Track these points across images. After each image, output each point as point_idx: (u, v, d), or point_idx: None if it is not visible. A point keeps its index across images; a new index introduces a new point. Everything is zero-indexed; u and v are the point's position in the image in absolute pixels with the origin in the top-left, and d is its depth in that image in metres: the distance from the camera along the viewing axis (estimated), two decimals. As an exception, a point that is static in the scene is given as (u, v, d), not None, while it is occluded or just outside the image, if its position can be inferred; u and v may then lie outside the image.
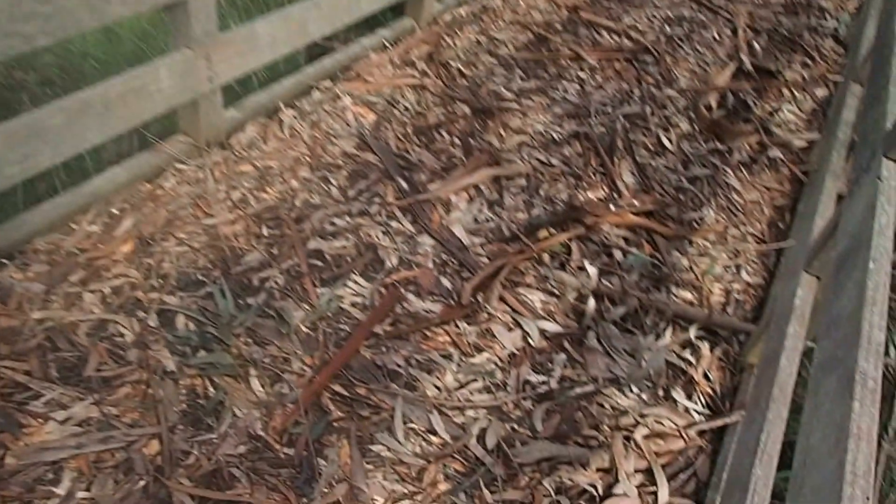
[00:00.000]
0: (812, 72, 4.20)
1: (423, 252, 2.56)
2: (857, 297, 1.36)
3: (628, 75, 3.89)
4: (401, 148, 3.09)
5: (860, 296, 1.34)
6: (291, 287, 2.36)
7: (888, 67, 2.29)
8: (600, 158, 3.17)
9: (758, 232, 2.95)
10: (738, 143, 3.42)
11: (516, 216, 2.80)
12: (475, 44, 3.99)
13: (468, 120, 3.32)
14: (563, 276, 2.53)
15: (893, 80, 2.19)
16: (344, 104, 3.29)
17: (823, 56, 4.40)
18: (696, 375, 2.22)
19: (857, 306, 1.32)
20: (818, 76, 4.17)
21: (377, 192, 2.82)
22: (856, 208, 1.74)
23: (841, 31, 4.77)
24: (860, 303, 1.32)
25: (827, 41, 4.63)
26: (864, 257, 1.44)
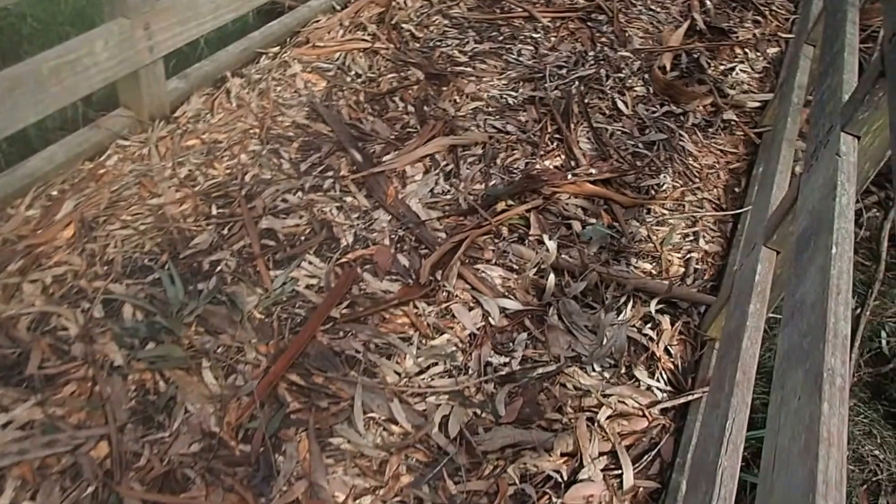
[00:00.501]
0: (763, 29, 4.19)
1: (379, 228, 2.50)
2: (820, 285, 1.34)
3: (582, 36, 3.82)
4: (353, 117, 2.99)
5: (824, 283, 1.33)
6: (244, 270, 2.28)
7: (842, 33, 2.27)
8: (556, 124, 3.11)
9: (714, 198, 2.95)
10: (693, 106, 3.40)
11: (473, 188, 2.74)
12: (426, 4, 3.87)
13: (422, 86, 3.23)
14: (523, 250, 2.49)
15: (848, 47, 2.17)
16: (293, 71, 3.16)
17: (774, 13, 4.38)
18: (658, 351, 2.22)
19: (822, 295, 1.31)
20: (769, 34, 4.16)
21: (330, 166, 2.73)
22: (815, 184, 1.72)
23: (790, -14, 4.76)
24: (824, 292, 1.30)
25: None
26: (826, 241, 1.42)
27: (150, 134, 2.71)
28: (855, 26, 2.30)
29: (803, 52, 3.02)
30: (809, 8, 3.53)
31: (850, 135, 1.72)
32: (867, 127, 1.70)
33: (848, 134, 1.72)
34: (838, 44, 2.24)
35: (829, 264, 1.35)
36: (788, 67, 3.24)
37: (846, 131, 1.72)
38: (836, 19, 2.49)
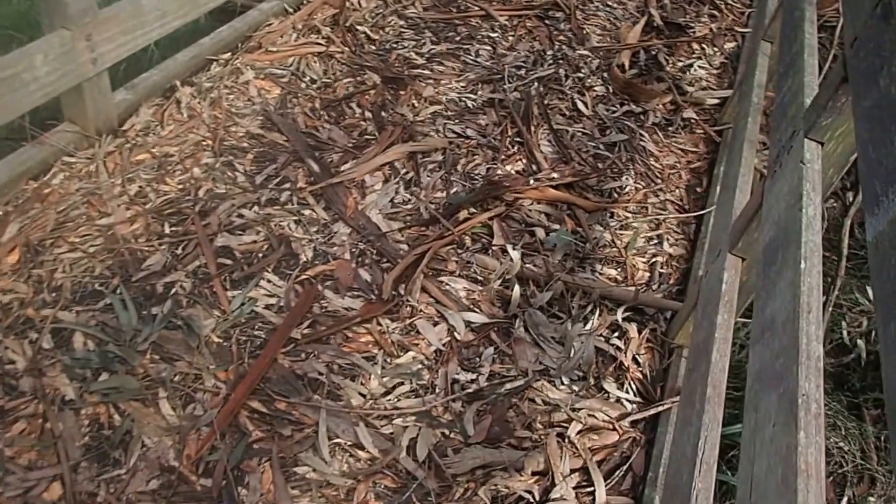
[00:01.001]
0: (720, 24, 4.20)
1: (339, 242, 2.43)
2: (791, 302, 1.32)
3: (540, 34, 3.78)
4: (309, 125, 2.92)
5: (794, 301, 1.31)
6: (199, 292, 2.20)
7: (800, 33, 2.26)
8: (517, 127, 3.07)
9: (677, 199, 2.94)
10: (653, 104, 3.39)
11: (435, 196, 2.69)
12: (381, 4, 3.80)
13: (379, 90, 3.16)
14: (487, 260, 2.45)
15: (808, 47, 2.16)
16: (246, 78, 3.07)
17: (730, 7, 4.39)
18: (626, 360, 2.20)
19: (792, 314, 1.29)
20: (726, 28, 4.17)
21: (287, 177, 2.65)
22: (780, 191, 1.71)
23: (744, -21, 4.78)
24: (795, 310, 1.28)
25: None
26: (795, 255, 1.41)
27: (98, 149, 2.61)
28: (813, 25, 2.30)
29: (761, 48, 3.01)
30: (765, 3, 3.54)
31: (813, 141, 1.70)
32: (831, 133, 1.68)
33: (811, 140, 1.70)
34: (797, 44, 2.23)
35: (799, 280, 1.33)
36: (746, 64, 3.24)
37: (810, 137, 1.70)
38: (793, 17, 2.48)
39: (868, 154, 1.23)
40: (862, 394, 3.21)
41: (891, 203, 1.09)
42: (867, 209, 1.17)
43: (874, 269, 1.06)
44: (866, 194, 1.19)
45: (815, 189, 1.56)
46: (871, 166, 1.20)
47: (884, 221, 1.09)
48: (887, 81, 1.28)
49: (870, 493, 3.10)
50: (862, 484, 3.16)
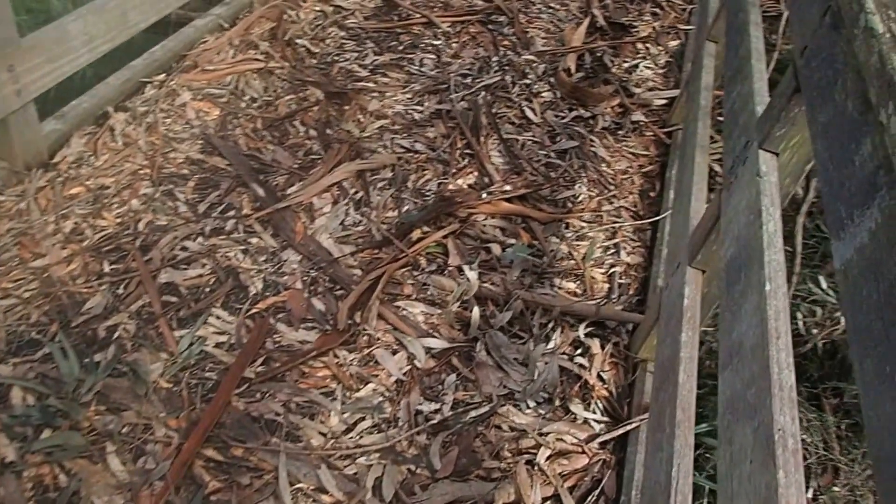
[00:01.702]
0: (662, 22, 4.20)
1: (289, 271, 2.35)
2: (758, 327, 1.29)
3: (484, 40, 3.73)
4: (252, 147, 2.82)
5: (762, 326, 1.27)
6: (145, 334, 2.10)
7: (746, 37, 2.25)
8: (466, 139, 3.01)
9: (631, 205, 2.92)
10: (601, 108, 3.36)
11: (386, 216, 2.62)
12: (321, 15, 3.70)
13: (322, 106, 3.07)
14: (443, 281, 2.39)
15: (755, 52, 2.15)
16: (183, 100, 2.95)
17: (671, 4, 4.40)
18: (591, 378, 2.16)
19: (761, 340, 1.26)
20: (668, 26, 4.17)
21: (231, 204, 2.55)
22: (737, 205, 1.68)
23: (682, -26, 4.79)
24: (764, 336, 1.25)
25: (672, -14, 4.64)
26: (759, 276, 1.38)
27: (28, 185, 2.47)
28: (758, 28, 2.28)
29: (706, 49, 3.01)
30: (707, 2, 3.54)
31: (768, 152, 1.68)
32: (785, 143, 1.66)
33: (766, 151, 1.68)
34: (744, 49, 2.22)
35: (765, 304, 1.29)
36: (692, 64, 3.23)
37: (764, 148, 1.68)
38: (737, 20, 2.47)
39: (828, 173, 1.21)
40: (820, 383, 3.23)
41: (857, 228, 1.06)
42: (832, 232, 1.14)
43: (845, 300, 1.03)
44: (830, 217, 1.16)
45: (774, 203, 1.53)
46: (833, 187, 1.17)
47: (851, 248, 1.06)
48: (843, 97, 1.25)
49: (834, 482, 3.12)
50: (826, 474, 3.19)
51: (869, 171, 1.07)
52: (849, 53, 1.28)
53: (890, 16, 1.18)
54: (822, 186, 1.23)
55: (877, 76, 1.06)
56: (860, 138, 1.12)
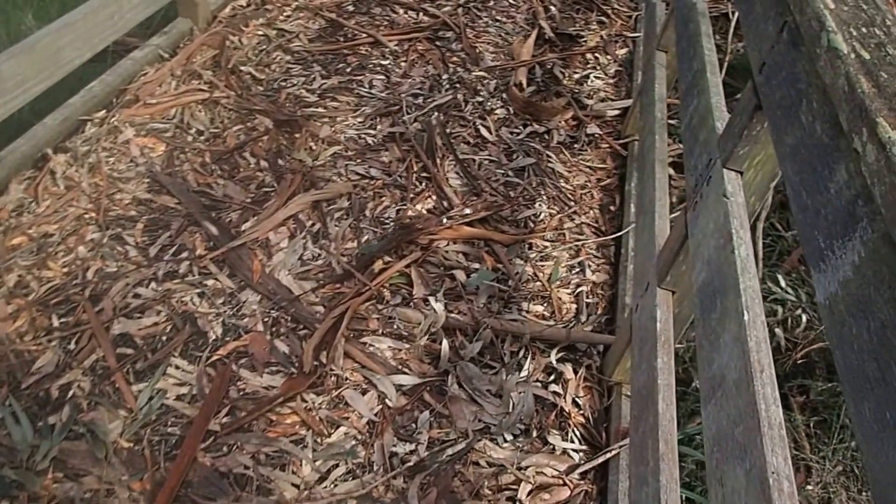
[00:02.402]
0: (609, 30, 4.21)
1: (249, 312, 2.26)
2: (740, 359, 1.26)
3: (433, 57, 3.69)
4: (201, 182, 2.72)
5: (744, 359, 1.24)
6: (101, 391, 1.99)
7: (699, 49, 2.24)
8: (422, 161, 2.96)
9: (592, 221, 2.90)
10: (555, 122, 3.34)
11: (346, 247, 2.55)
12: (264, 40, 3.61)
13: (272, 135, 2.99)
14: (409, 313, 2.33)
15: (709, 65, 2.14)
16: (126, 137, 2.84)
17: (617, 12, 4.42)
18: (566, 405, 2.13)
19: (745, 374, 1.22)
20: (616, 34, 4.19)
21: (184, 245, 2.45)
22: (705, 227, 1.66)
23: (625, -19, 4.82)
24: (747, 370, 1.22)
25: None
26: (736, 304, 1.35)
27: (-36, 238, 2.35)
28: (710, 39, 2.28)
29: (657, 59, 3.01)
30: (654, 10, 3.56)
31: (732, 171, 1.66)
32: (749, 162, 1.65)
33: (730, 170, 1.66)
34: (698, 61, 2.21)
35: (745, 334, 1.26)
36: (643, 74, 3.23)
37: (728, 167, 1.66)
38: (688, 31, 2.47)
39: (801, 199, 1.18)
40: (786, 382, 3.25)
41: (839, 260, 1.03)
42: (811, 263, 1.11)
43: (833, 338, 1.00)
44: (807, 246, 1.14)
45: (744, 225, 1.51)
46: (808, 215, 1.15)
47: (834, 282, 1.03)
48: (810, 118, 1.23)
49: (806, 482, 3.14)
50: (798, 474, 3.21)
51: (847, 200, 1.04)
52: (812, 73, 1.26)
53: (852, 34, 1.17)
54: (795, 212, 1.20)
55: (846, 101, 1.04)
56: (833, 164, 1.10)
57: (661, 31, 3.08)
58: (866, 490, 3.08)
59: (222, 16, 3.66)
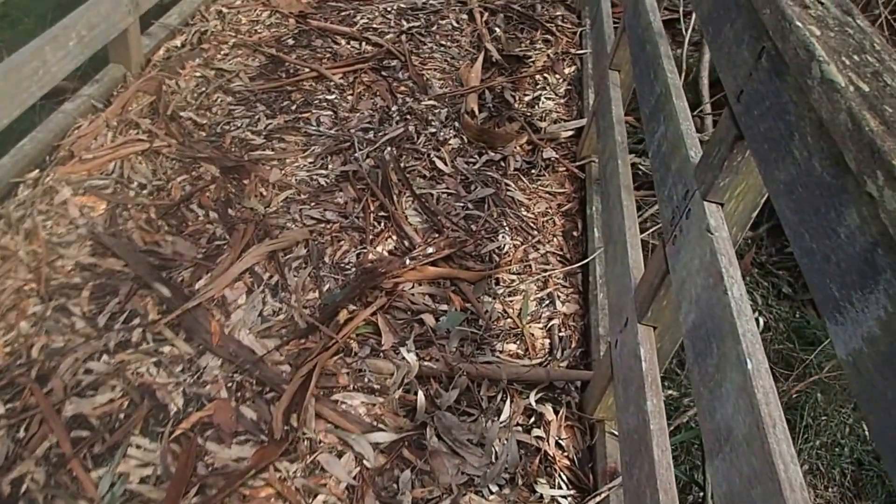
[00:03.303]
0: (555, 49, 4.18)
1: (211, 379, 2.13)
2: (749, 413, 1.19)
3: (380, 88, 3.60)
4: (148, 241, 2.57)
5: (754, 413, 1.17)
6: (57, 481, 1.84)
7: (660, 72, 2.19)
8: (378, 200, 2.86)
9: (556, 249, 2.83)
10: (511, 148, 3.28)
11: (307, 298, 2.43)
12: (203, 81, 3.47)
13: (219, 184, 2.85)
14: (380, 364, 2.22)
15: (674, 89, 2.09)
16: (63, 197, 2.68)
17: (561, 28, 4.39)
18: (550, 449, 2.05)
19: (756, 430, 1.15)
20: (562, 53, 4.16)
21: (135, 311, 2.30)
22: (689, 263, 1.59)
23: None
24: (759, 426, 1.14)
25: (558, 10, 4.64)
26: (736, 351, 1.28)
27: None
28: (671, 61, 2.24)
29: (610, 79, 2.97)
30: (602, 27, 3.53)
31: (713, 203, 1.61)
32: (730, 193, 1.59)
33: (711, 202, 1.61)
34: (660, 85, 2.16)
35: (751, 385, 1.19)
36: (597, 95, 3.18)
37: (709, 200, 1.60)
38: (645, 53, 2.43)
39: (804, 243, 1.11)
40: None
41: (861, 315, 0.96)
42: (825, 313, 1.04)
43: (863, 400, 0.93)
44: (818, 294, 1.07)
45: (732, 262, 1.45)
46: (815, 261, 1.08)
47: (857, 338, 0.96)
48: (805, 154, 1.17)
49: None
50: None
51: (862, 248, 0.98)
52: (803, 104, 1.20)
53: (845, 63, 1.11)
54: (799, 256, 1.14)
55: (852, 140, 0.97)
56: (841, 207, 1.03)
57: (612, 50, 3.04)
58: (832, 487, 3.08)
59: (156, 59, 3.50)
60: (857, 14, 1.32)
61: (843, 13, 1.30)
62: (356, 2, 4.34)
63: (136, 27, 3.27)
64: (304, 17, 4.05)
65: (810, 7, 1.31)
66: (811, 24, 1.22)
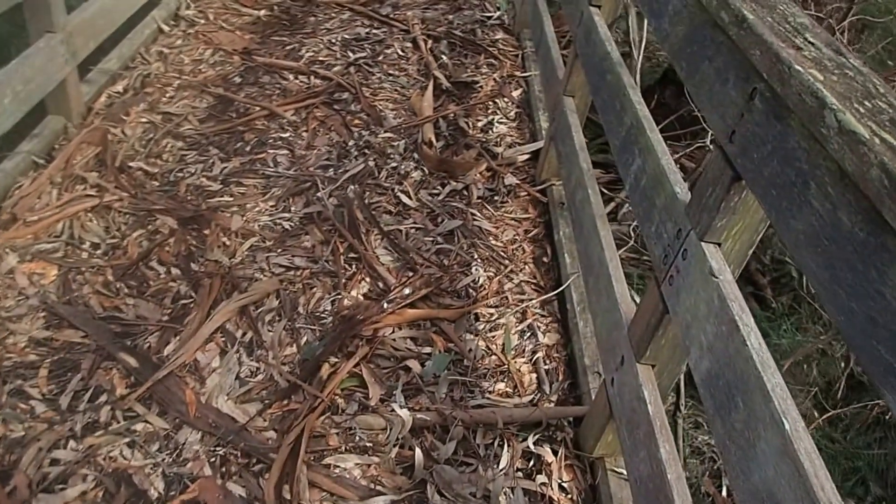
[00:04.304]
0: (501, 72, 4.15)
1: (191, 456, 2.00)
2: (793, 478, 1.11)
3: (335, 123, 3.50)
4: (108, 306, 2.43)
5: (799, 479, 1.11)
6: (31, 590, 1.69)
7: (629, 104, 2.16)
8: (346, 240, 2.77)
9: (530, 277, 2.78)
10: (471, 176, 3.22)
11: (285, 354, 2.32)
12: (150, 127, 3.33)
13: (178, 236, 2.72)
14: (370, 420, 2.13)
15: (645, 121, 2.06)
16: (9, 266, 2.51)
17: (503, 52, 4.37)
18: (554, 493, 1.98)
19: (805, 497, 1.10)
20: (508, 76, 4.12)
21: (100, 387, 2.16)
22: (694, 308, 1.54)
23: (505, 19, 4.79)
24: (807, 490, 1.09)
25: (498, 33, 4.62)
26: (768, 409, 1.21)
27: None
28: (637, 91, 2.21)
29: (566, 105, 2.94)
30: (548, 52, 3.50)
31: (711, 244, 1.57)
32: (727, 233, 1.55)
33: (709, 243, 1.57)
34: (629, 117, 2.13)
35: (793, 449, 1.14)
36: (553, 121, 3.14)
37: (706, 241, 1.56)
38: (607, 83, 2.40)
39: (841, 301, 1.06)
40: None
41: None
42: (875, 377, 0.99)
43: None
44: (865, 357, 1.01)
45: (743, 308, 1.41)
46: (857, 322, 1.02)
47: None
48: (827, 206, 1.12)
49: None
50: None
51: (915, 312, 0.94)
52: (816, 152, 1.16)
53: (859, 111, 1.07)
54: (833, 313, 1.08)
55: (891, 198, 0.93)
56: (883, 266, 0.99)
57: (566, 76, 3.01)
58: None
59: (98, 107, 3.34)
60: (848, 53, 1.29)
61: (836, 53, 1.27)
62: (300, 35, 4.24)
63: (75, 76, 3.11)
64: (248, 54, 3.93)
65: (803, 48, 1.28)
66: (811, 68, 1.19)
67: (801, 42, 1.32)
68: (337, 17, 4.56)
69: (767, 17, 1.42)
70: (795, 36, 1.34)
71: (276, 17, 4.48)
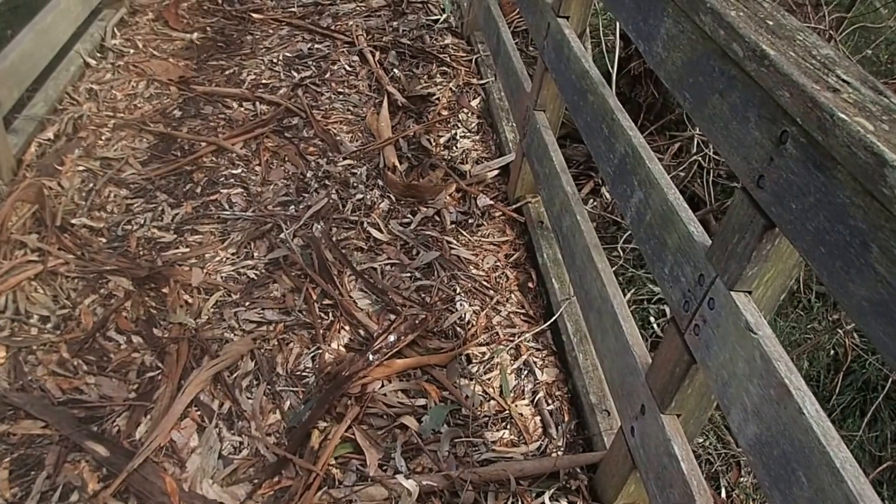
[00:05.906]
0: (456, 81, 3.99)
1: (182, 555, 1.82)
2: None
3: (289, 153, 3.30)
4: (67, 388, 2.21)
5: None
6: None
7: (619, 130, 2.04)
8: (318, 286, 2.59)
9: (517, 306, 2.65)
10: (441, 200, 3.07)
11: (269, 424, 2.15)
12: (89, 176, 3.07)
13: (135, 299, 2.50)
14: (371, 491, 1.97)
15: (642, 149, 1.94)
16: (-51, 352, 2.26)
17: (455, 58, 4.21)
18: (580, 556, 1.87)
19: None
20: (464, 84, 3.98)
21: (69, 483, 1.95)
22: (730, 364, 1.42)
23: (452, 22, 4.64)
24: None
25: (447, 38, 4.46)
26: (840, 490, 1.10)
27: None
28: (625, 115, 2.09)
29: (538, 122, 2.80)
30: (508, 61, 3.35)
31: (741, 292, 1.46)
32: (758, 281, 1.45)
33: (739, 292, 1.46)
34: (622, 144, 2.01)
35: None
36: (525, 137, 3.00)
37: (737, 290, 1.45)
38: (589, 104, 2.27)
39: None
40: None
41: None
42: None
43: None
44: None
45: (791, 369, 1.30)
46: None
47: None
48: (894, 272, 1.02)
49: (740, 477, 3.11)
50: (731, 471, 3.17)
51: None
52: (875, 212, 1.05)
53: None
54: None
55: None
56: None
57: (535, 90, 2.87)
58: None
59: (29, 158, 3.06)
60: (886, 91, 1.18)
61: (877, 93, 1.16)
62: (238, 57, 4.01)
63: (1, 128, 2.84)
64: (186, 83, 3.68)
65: (840, 90, 1.17)
66: (857, 116, 1.08)
67: (835, 82, 1.20)
68: (275, 33, 4.33)
69: (789, 50, 1.31)
70: (826, 74, 1.23)
71: (210, 40, 4.23)
